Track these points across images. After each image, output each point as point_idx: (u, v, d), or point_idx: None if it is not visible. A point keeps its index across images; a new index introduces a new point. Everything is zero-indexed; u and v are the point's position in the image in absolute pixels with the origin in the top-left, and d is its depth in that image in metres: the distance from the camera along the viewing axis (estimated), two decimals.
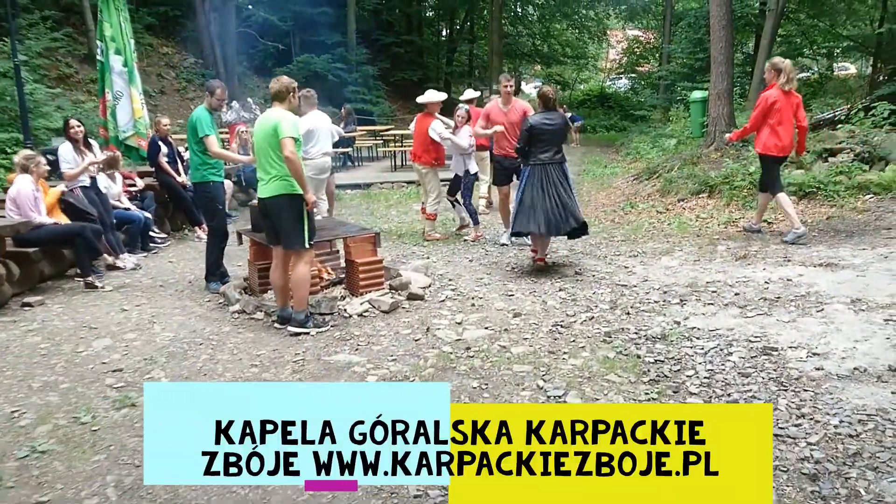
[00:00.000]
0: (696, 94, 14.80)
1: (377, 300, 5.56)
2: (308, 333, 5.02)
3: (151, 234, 8.65)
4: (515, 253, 7.43)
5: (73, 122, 7.59)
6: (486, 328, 4.98)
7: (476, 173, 8.59)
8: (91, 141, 7.70)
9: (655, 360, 4.15)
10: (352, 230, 6.11)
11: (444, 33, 34.89)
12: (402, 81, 29.12)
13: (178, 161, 9.32)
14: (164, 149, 9.06)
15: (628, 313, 5.17)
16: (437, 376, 4.10)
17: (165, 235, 9.00)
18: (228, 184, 10.94)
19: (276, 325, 5.26)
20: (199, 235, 9.06)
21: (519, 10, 35.10)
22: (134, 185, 9.00)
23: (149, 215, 8.42)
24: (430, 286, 6.19)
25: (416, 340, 4.79)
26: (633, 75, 33.85)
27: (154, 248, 8.45)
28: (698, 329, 4.69)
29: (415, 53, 30.63)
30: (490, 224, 9.24)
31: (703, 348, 4.32)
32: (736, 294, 5.45)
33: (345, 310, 5.48)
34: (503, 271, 6.75)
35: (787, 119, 6.96)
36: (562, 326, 4.93)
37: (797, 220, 7.09)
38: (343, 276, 6.19)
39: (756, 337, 4.44)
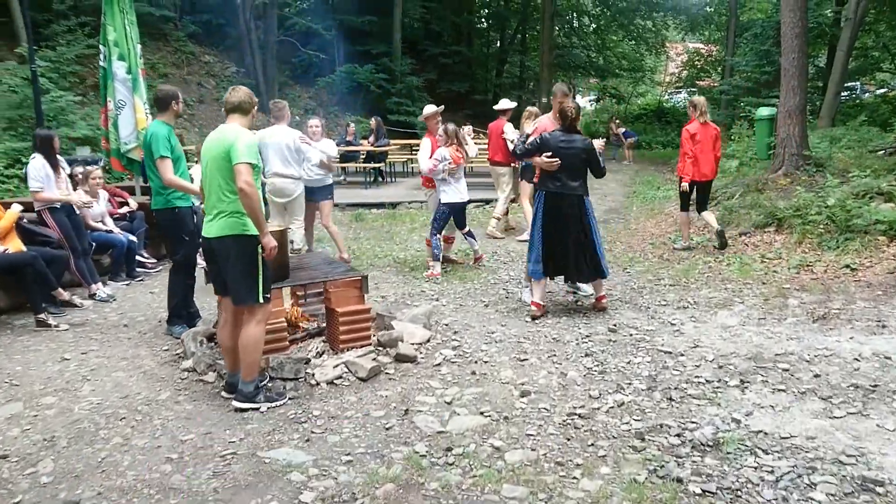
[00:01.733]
0: (763, 111, 13.29)
1: (354, 363, 4.48)
2: (257, 409, 3.98)
3: (140, 258, 7.80)
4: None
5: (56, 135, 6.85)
6: (482, 413, 3.84)
7: (448, 204, 7.21)
8: (58, 157, 6.88)
9: (703, 491, 2.93)
10: (335, 272, 5.06)
11: (495, 44, 33.86)
12: (449, 93, 28.14)
13: None
14: None
15: (671, 398, 3.95)
16: (393, 499, 2.97)
17: (156, 260, 8.12)
18: None
19: (223, 392, 4.23)
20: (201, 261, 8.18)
21: (575, 21, 33.84)
22: (126, 205, 8.18)
23: (134, 238, 7.55)
24: (428, 341, 5.09)
25: (387, 429, 3.68)
26: (693, 89, 32.10)
27: (140, 275, 7.59)
28: (766, 435, 3.44)
29: (463, 64, 29.65)
30: (509, 255, 8.08)
31: (772, 471, 3.08)
32: (816, 376, 4.17)
33: (313, 375, 4.42)
34: (521, 322, 5.59)
35: (706, 149, 7.72)
36: (580, 416, 3.75)
37: (687, 236, 8.23)
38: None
39: (850, 456, 3.18)
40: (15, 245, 5.95)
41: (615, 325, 5.36)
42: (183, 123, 21.11)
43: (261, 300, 3.97)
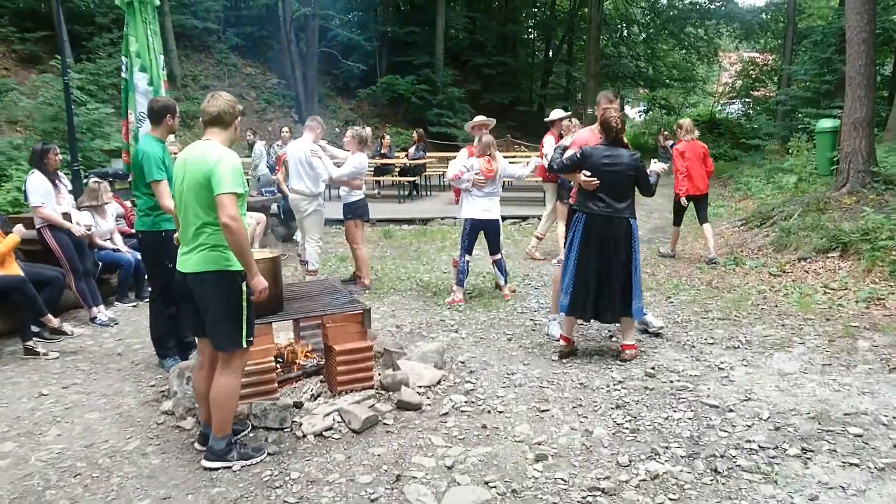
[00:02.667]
0: (825, 123, 12.34)
1: (348, 412, 3.92)
2: (229, 468, 3.46)
3: None
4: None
5: (55, 148, 6.51)
6: (487, 483, 3.23)
7: (468, 220, 6.63)
8: (59, 173, 6.57)
9: None
10: (335, 303, 4.53)
11: (540, 54, 33.23)
12: (492, 104, 27.60)
13: None
14: None
15: (716, 470, 3.28)
16: None
17: None
18: (261, 216, 9.70)
19: (196, 444, 3.73)
20: None
21: (625, 31, 33.01)
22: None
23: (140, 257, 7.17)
24: (438, 383, 4.51)
25: (372, 502, 3.11)
26: (748, 100, 30.87)
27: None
28: None
29: (507, 75, 29.10)
30: (542, 279, 7.44)
31: None
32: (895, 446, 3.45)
33: (300, 425, 3.88)
34: (547, 361, 4.97)
35: (696, 165, 8.21)
36: (603, 492, 3.12)
37: (674, 247, 8.85)
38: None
39: None
40: (13, 270, 5.58)
41: (653, 369, 4.68)
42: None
43: (244, 345, 3.44)
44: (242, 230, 3.26)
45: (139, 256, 7.14)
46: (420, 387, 4.41)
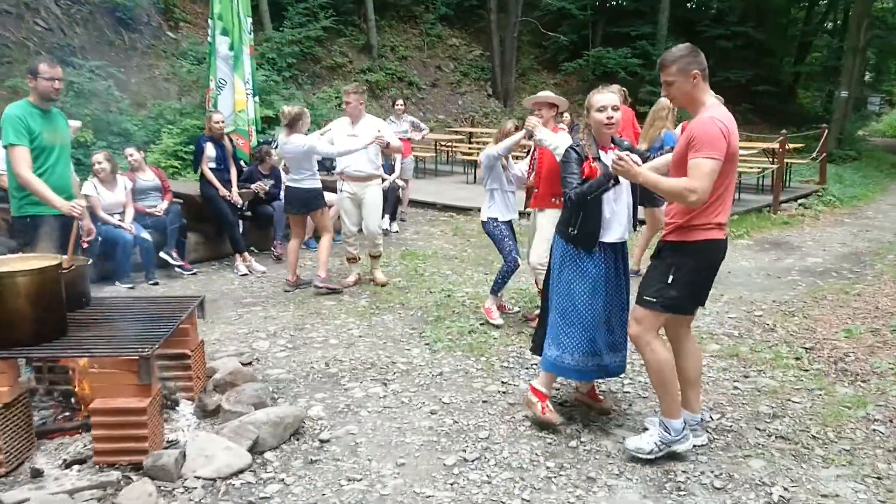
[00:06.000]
0: None
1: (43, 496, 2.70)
2: None
3: (168, 259, 6.79)
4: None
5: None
6: None
7: None
8: None
9: None
10: (115, 340, 3.28)
11: (799, 24, 27.98)
12: (726, 83, 23.78)
13: (231, 170, 7.34)
14: (211, 152, 7.18)
15: None
16: None
17: (183, 264, 6.93)
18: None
19: None
20: (237, 267, 7.04)
21: None
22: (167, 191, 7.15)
23: (147, 237, 6.55)
24: (236, 475, 3.09)
25: None
26: None
27: (156, 279, 6.59)
28: None
29: (750, 49, 24.86)
30: None
31: None
32: None
33: None
34: (449, 471, 3.25)
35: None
36: None
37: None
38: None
39: None
40: None
41: None
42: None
43: None
44: None
45: (144, 236, 6.59)
46: (197, 478, 3.04)
